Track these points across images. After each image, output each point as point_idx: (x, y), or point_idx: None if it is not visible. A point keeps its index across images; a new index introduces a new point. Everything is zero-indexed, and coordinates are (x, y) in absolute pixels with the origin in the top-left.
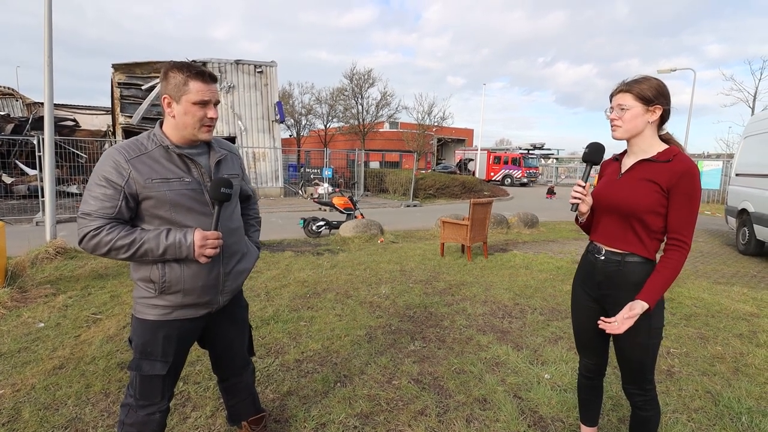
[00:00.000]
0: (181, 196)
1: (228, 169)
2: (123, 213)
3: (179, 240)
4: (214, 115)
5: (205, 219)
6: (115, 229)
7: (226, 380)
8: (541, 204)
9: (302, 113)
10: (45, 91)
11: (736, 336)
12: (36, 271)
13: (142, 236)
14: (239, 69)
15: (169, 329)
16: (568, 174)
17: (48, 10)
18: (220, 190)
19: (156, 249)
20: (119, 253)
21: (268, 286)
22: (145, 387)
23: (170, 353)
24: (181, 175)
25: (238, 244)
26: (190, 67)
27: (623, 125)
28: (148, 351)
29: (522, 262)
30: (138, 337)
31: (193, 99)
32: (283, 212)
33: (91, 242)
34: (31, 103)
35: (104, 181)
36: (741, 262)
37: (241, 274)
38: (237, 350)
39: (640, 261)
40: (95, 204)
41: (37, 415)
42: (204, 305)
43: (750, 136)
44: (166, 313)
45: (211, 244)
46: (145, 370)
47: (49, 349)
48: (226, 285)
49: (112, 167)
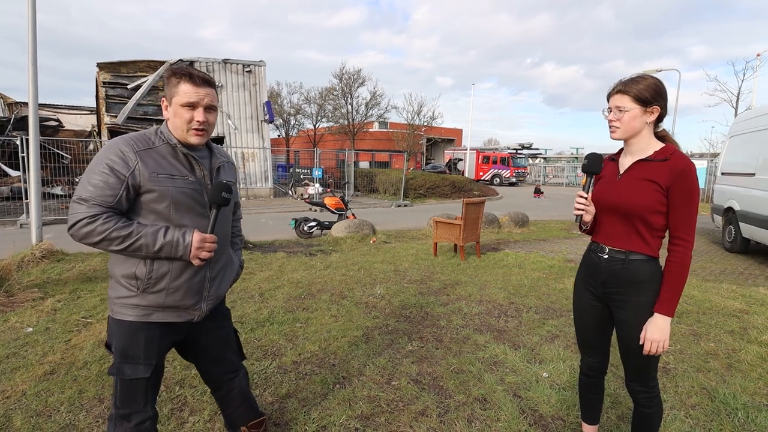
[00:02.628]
0: (183, 194)
1: (226, 177)
2: (122, 204)
3: (177, 239)
4: (200, 118)
5: (201, 220)
6: (112, 220)
7: (219, 390)
8: (530, 203)
9: (291, 113)
10: (29, 91)
11: (728, 332)
12: (22, 274)
13: (140, 230)
14: (227, 68)
15: (150, 332)
16: (556, 174)
17: (32, 10)
18: (221, 194)
19: (152, 245)
20: (112, 244)
21: (262, 287)
22: (127, 392)
23: (153, 355)
24: (186, 173)
25: (226, 252)
26: (183, 71)
27: (622, 126)
28: (129, 354)
29: (515, 261)
30: (117, 339)
31: (180, 101)
32: (273, 213)
33: (83, 229)
34: (13, 103)
35: (107, 169)
36: (728, 259)
37: (224, 283)
38: (225, 358)
39: (644, 259)
40: (94, 191)
41: (30, 422)
42: (186, 310)
43: (735, 136)
44: (146, 314)
45: (208, 248)
46: (127, 374)
47: (39, 354)
48: (211, 291)
49: (118, 156)
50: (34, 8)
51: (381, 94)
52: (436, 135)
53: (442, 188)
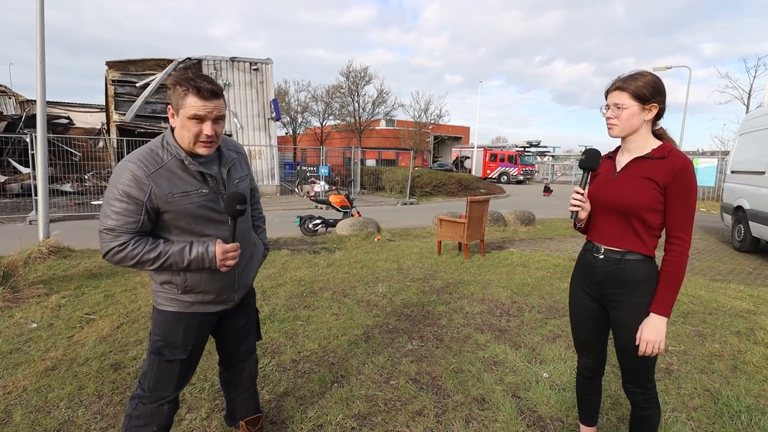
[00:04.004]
0: (200, 207)
1: (237, 173)
2: (145, 226)
3: (202, 254)
4: (209, 132)
5: (223, 226)
6: (140, 244)
7: (231, 367)
8: (538, 201)
9: (298, 111)
10: (37, 88)
11: (734, 333)
12: (29, 270)
13: (167, 249)
14: (235, 66)
15: (189, 321)
16: (564, 171)
17: (40, 8)
18: (236, 207)
19: (180, 263)
20: (145, 265)
21: (264, 285)
22: (162, 375)
23: (190, 342)
24: (199, 186)
25: (250, 245)
26: (191, 81)
27: (620, 124)
28: (169, 341)
29: (519, 260)
30: (159, 326)
31: (188, 113)
32: (279, 210)
33: (116, 257)
34: (24, 101)
35: (125, 196)
36: (737, 259)
37: (252, 271)
38: (246, 335)
39: (640, 258)
40: (117, 219)
41: (29, 417)
42: (222, 302)
43: (745, 134)
44: (186, 306)
45: (231, 256)
46: (166, 355)
47: (41, 350)
48: (240, 282)
49: (132, 181)
50: (42, 5)
51: (387, 92)
52: (444, 133)
53: (448, 186)
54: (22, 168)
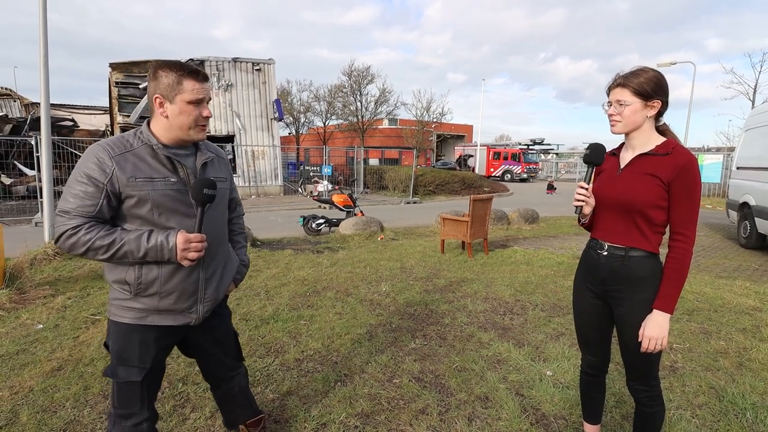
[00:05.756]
0: (166, 196)
1: (215, 173)
2: (104, 212)
3: (161, 242)
4: (208, 114)
5: (190, 221)
6: (94, 229)
7: (218, 388)
8: (542, 199)
9: (301, 111)
10: (41, 91)
11: (740, 331)
12: (34, 272)
13: (123, 237)
14: (237, 67)
15: (145, 334)
16: (568, 169)
17: (43, 10)
18: (203, 191)
19: (136, 251)
20: (97, 253)
21: (268, 284)
22: (123, 394)
23: (147, 360)
24: (167, 174)
25: (222, 251)
26: (182, 66)
27: (623, 121)
28: (124, 356)
29: (523, 258)
30: (114, 341)
31: (188, 98)
32: (282, 210)
33: (68, 242)
34: (29, 104)
35: (86, 178)
36: (743, 255)
37: (223, 284)
38: (223, 360)
39: (644, 255)
40: (74, 202)
41: (35, 417)
42: (182, 313)
43: (751, 129)
44: (141, 317)
45: (195, 247)
46: (121, 376)
47: (47, 350)
48: (207, 293)
49: (95, 164)
50: (45, 8)
51: (390, 91)
52: (447, 131)
53: (451, 185)
54: (28, 170)
